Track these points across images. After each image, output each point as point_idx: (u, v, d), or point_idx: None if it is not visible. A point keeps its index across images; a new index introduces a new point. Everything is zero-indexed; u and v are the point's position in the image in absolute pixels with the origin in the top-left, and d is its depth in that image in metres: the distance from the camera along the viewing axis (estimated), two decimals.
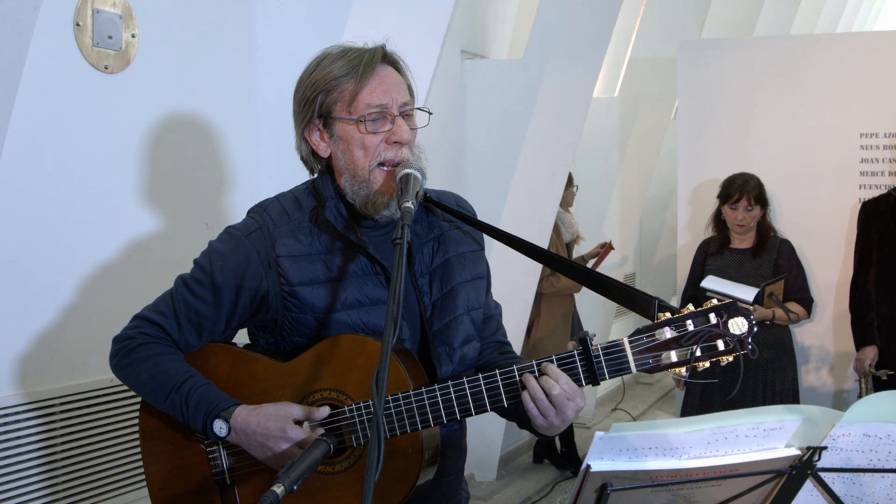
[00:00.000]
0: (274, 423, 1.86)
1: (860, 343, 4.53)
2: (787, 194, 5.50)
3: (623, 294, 1.92)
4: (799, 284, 4.78)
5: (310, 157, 2.04)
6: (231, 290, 1.97)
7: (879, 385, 4.40)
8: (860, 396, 4.40)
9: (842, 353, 5.40)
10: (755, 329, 1.76)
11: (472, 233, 2.14)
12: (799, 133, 5.57)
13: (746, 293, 4.59)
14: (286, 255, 1.96)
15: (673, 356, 1.77)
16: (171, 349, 2.00)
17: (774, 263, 4.74)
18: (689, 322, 1.77)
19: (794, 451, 1.57)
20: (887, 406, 1.54)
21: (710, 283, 4.67)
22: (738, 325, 1.76)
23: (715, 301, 1.79)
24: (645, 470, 1.54)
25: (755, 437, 1.54)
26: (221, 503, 2.00)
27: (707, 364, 1.78)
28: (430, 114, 2.03)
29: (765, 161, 5.50)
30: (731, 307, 1.77)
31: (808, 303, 4.79)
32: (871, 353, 4.45)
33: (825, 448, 1.56)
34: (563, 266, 2.11)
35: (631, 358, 1.79)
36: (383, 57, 1.97)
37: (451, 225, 2.11)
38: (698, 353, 1.76)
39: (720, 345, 1.76)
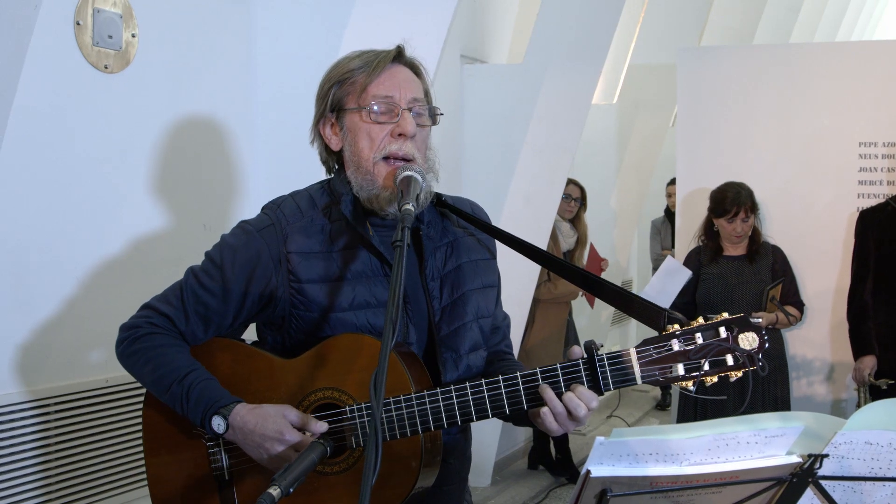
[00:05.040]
0: (271, 425, 1.85)
1: (858, 352, 4.53)
2: (785, 202, 5.50)
3: (630, 303, 1.91)
4: (793, 289, 4.89)
5: (323, 152, 2.06)
6: (240, 285, 1.97)
7: (877, 395, 4.39)
8: (858, 406, 4.39)
9: (840, 363, 5.39)
10: (766, 345, 1.73)
11: (486, 241, 2.13)
12: (797, 141, 5.57)
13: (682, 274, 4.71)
14: (297, 252, 1.96)
15: (680, 369, 1.75)
16: (176, 341, 2.00)
17: (772, 268, 4.78)
18: (698, 335, 1.75)
19: (796, 459, 1.56)
20: (889, 414, 1.53)
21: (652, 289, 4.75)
22: (748, 340, 1.72)
23: (726, 315, 1.76)
24: (645, 476, 1.53)
25: (756, 444, 1.53)
26: (220, 500, 2.00)
27: (715, 379, 1.75)
28: (441, 114, 2.03)
29: (763, 168, 5.50)
30: (743, 321, 1.74)
31: (800, 306, 4.91)
32: (869, 362, 4.45)
33: (826, 456, 1.54)
34: (573, 275, 2.09)
35: (637, 369, 1.77)
36: (399, 57, 2.00)
37: (465, 232, 2.10)
38: (706, 368, 1.74)
39: (729, 360, 1.73)
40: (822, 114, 5.53)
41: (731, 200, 4.74)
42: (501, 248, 2.13)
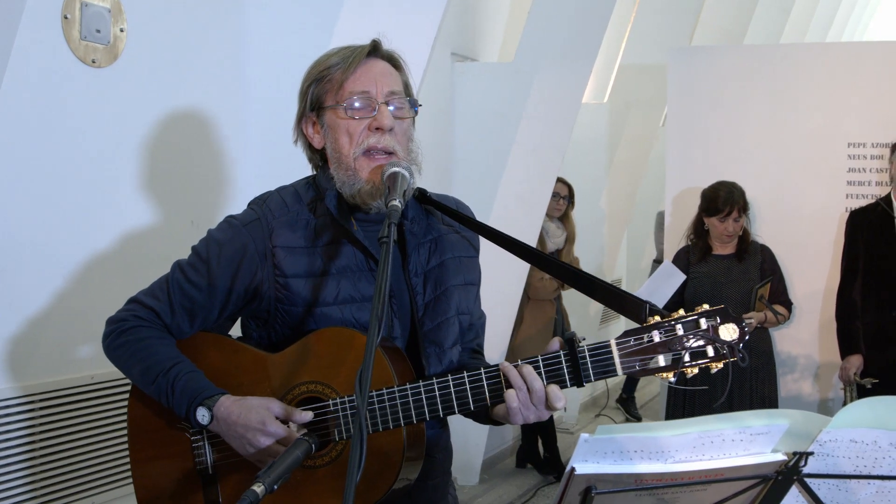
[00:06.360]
0: (255, 416, 1.86)
1: (845, 352, 4.55)
2: (775, 202, 5.51)
3: (612, 296, 1.91)
4: (781, 288, 4.91)
5: (308, 150, 2.07)
6: (226, 279, 1.97)
7: (863, 394, 4.41)
8: (845, 405, 4.40)
9: (827, 362, 5.41)
10: (747, 336, 1.73)
11: (470, 239, 2.14)
12: (787, 141, 5.58)
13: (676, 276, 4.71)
14: (282, 247, 1.96)
15: (661, 360, 1.75)
16: (162, 334, 2.01)
17: (760, 267, 4.80)
18: (678, 326, 1.75)
19: (781, 457, 1.55)
20: (875, 412, 1.53)
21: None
22: (728, 332, 1.73)
23: (706, 306, 1.77)
24: (630, 473, 1.52)
25: (741, 441, 1.53)
26: (203, 495, 2.00)
27: (696, 370, 1.76)
28: (420, 105, 2.04)
29: (753, 169, 5.51)
30: (723, 313, 1.74)
31: (788, 305, 4.93)
32: (856, 361, 4.48)
33: (811, 454, 1.54)
34: (557, 269, 2.09)
35: (618, 360, 1.77)
36: (376, 51, 2.00)
37: (450, 229, 2.11)
38: (687, 359, 1.74)
39: (710, 351, 1.74)
40: (812, 114, 5.54)
41: (724, 200, 4.75)
42: (490, 245, 2.13)
